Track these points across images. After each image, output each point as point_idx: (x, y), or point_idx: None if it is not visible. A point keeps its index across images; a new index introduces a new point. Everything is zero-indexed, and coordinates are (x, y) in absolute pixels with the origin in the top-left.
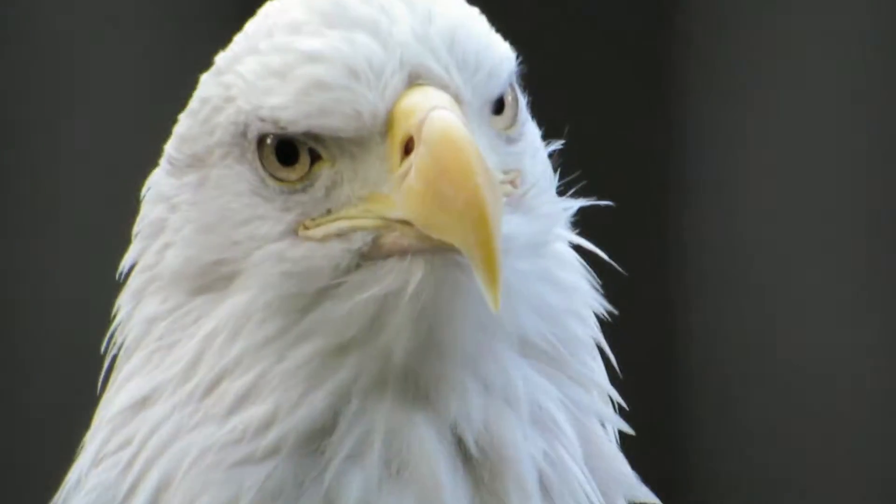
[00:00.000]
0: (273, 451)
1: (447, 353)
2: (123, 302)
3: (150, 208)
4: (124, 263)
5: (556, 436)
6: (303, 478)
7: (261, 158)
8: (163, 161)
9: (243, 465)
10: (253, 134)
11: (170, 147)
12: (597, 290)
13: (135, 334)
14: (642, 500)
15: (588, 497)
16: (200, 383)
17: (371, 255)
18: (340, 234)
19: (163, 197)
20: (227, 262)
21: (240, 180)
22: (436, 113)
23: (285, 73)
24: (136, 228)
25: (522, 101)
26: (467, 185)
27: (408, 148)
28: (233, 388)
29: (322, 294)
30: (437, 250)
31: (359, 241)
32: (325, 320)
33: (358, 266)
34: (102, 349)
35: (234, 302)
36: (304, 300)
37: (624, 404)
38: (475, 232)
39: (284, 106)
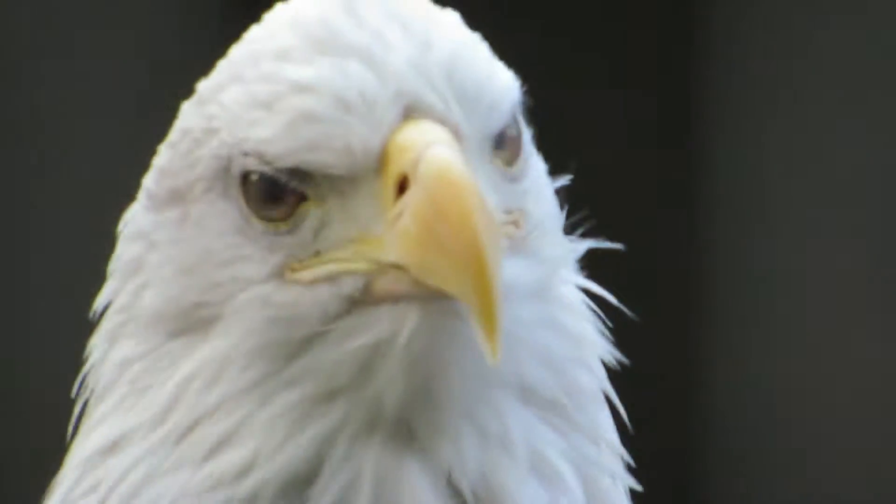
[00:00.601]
0: (252, 499)
1: (442, 403)
2: (96, 344)
3: (127, 246)
4: (98, 303)
5: (560, 488)
6: None
7: (244, 196)
8: (141, 195)
9: None
10: (237, 170)
11: (149, 181)
12: (606, 337)
13: (108, 378)
14: None
15: None
16: (175, 427)
17: (362, 300)
18: (330, 278)
19: (141, 234)
20: (207, 305)
21: (223, 218)
22: (433, 150)
23: (272, 104)
24: (111, 266)
25: (527, 133)
26: (465, 229)
27: (402, 187)
28: (211, 433)
29: (309, 341)
30: (432, 297)
31: (349, 286)
32: (312, 368)
33: (348, 312)
34: (74, 393)
35: (214, 346)
36: (289, 347)
37: (632, 461)
38: (473, 279)
39: (270, 139)
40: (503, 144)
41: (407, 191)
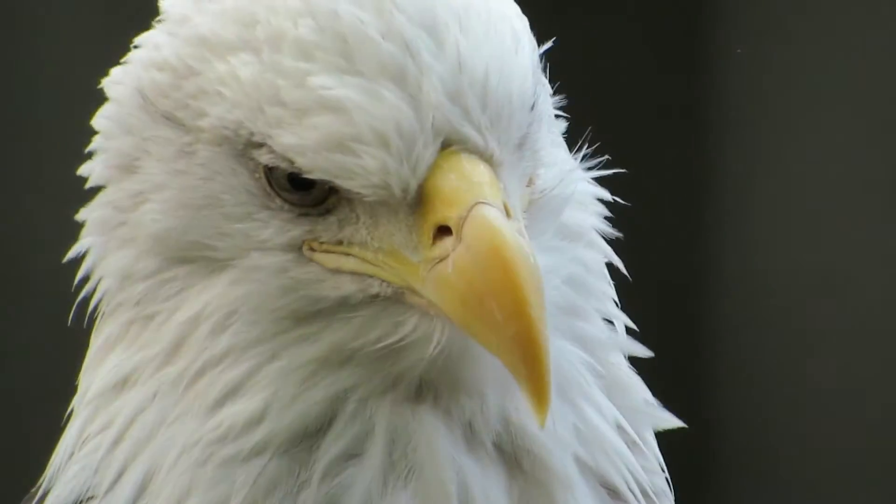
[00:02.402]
0: (262, 450)
1: (467, 382)
2: (92, 233)
3: (117, 128)
4: (83, 171)
5: (584, 399)
6: (299, 471)
7: (268, 177)
8: (132, 69)
9: (232, 463)
10: (262, 158)
11: (141, 72)
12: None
13: (109, 287)
14: (667, 426)
15: (622, 458)
16: (184, 373)
17: (389, 299)
18: (355, 273)
19: (131, 129)
20: (214, 248)
21: (234, 176)
22: (479, 212)
23: (301, 114)
24: (98, 139)
25: (544, 94)
26: (521, 318)
27: (442, 229)
28: (218, 381)
29: (326, 315)
30: None
31: (377, 289)
32: (327, 337)
33: (371, 303)
34: (75, 286)
35: (223, 293)
36: (303, 314)
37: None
38: (524, 363)
39: (301, 151)
40: (528, 134)
41: (449, 236)
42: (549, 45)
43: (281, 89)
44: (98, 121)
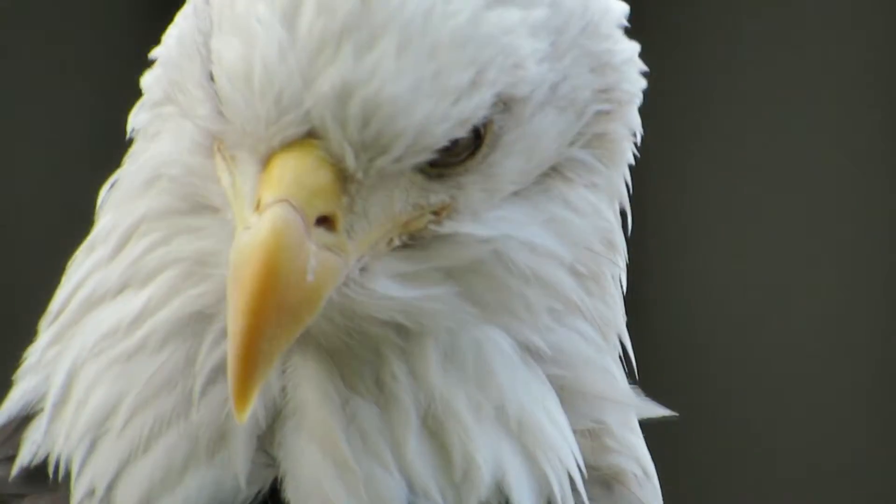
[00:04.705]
0: (152, 345)
1: None
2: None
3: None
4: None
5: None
6: (194, 358)
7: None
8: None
9: (130, 357)
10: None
11: None
12: None
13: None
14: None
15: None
16: (115, 238)
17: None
18: (225, 194)
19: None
20: (177, 100)
21: (204, 48)
22: (276, 211)
23: (229, 26)
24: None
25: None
26: (243, 320)
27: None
28: (128, 257)
29: (209, 214)
30: None
31: (230, 216)
32: (205, 236)
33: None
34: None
35: (161, 150)
36: (194, 202)
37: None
38: (233, 362)
39: (216, 60)
40: (450, 152)
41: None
42: None
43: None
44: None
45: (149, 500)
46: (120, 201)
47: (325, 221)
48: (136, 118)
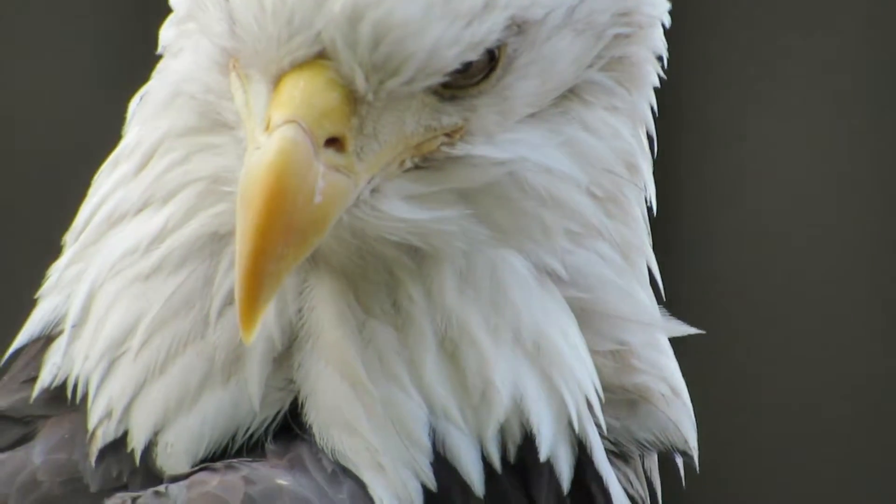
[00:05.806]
0: (170, 265)
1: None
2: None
3: None
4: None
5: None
6: (212, 279)
7: None
8: None
9: (148, 277)
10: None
11: None
12: None
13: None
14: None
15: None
16: (142, 156)
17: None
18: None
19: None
20: (196, 17)
21: None
22: (284, 132)
23: None
24: None
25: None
26: (250, 241)
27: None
28: (148, 177)
29: (225, 132)
30: None
31: (241, 135)
32: (224, 152)
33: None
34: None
35: (180, 67)
36: (212, 119)
37: None
38: (239, 281)
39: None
40: (463, 74)
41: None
42: None
43: None
44: None
45: (165, 422)
46: (146, 117)
47: (334, 142)
48: (165, 34)
